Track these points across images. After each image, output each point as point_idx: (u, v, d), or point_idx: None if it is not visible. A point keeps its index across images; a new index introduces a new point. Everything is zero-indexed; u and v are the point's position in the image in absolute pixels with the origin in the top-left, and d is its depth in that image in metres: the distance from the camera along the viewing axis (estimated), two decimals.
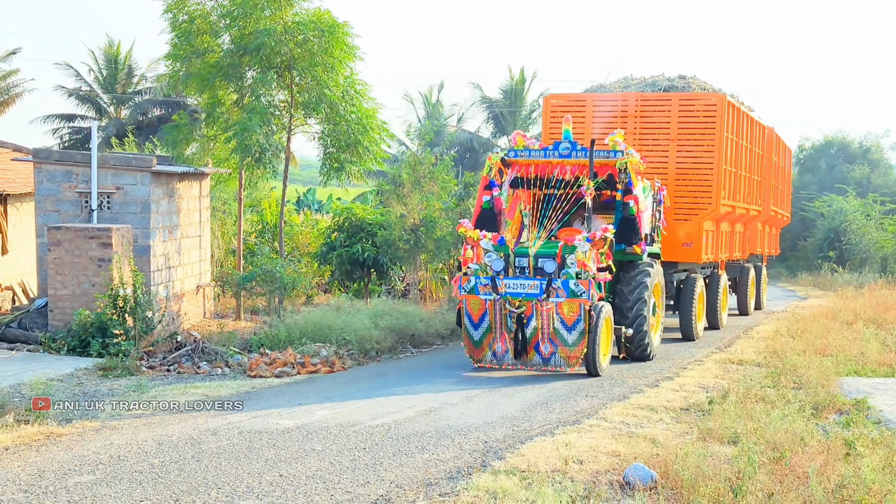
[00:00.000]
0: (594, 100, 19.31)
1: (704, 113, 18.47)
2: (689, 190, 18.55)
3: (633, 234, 15.21)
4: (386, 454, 9.32)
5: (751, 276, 24.18)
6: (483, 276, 14.27)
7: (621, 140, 15.44)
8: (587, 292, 13.67)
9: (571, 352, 13.87)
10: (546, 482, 8.16)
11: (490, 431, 10.40)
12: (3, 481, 8.20)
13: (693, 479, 8.07)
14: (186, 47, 21.39)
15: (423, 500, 7.70)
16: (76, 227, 16.52)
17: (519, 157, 15.97)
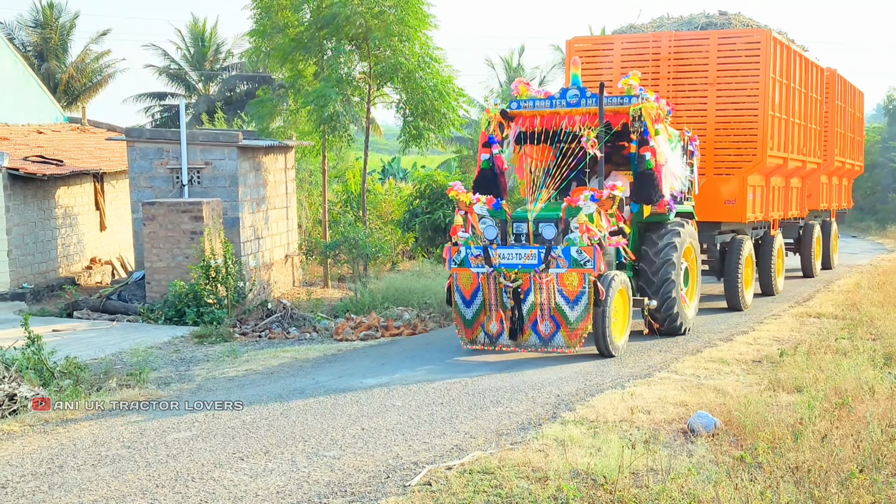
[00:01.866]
0: (622, 41, 17.32)
1: (747, 52, 16.29)
2: (731, 141, 16.56)
3: (653, 191, 12.91)
4: (462, 408, 9.70)
5: (815, 234, 22.14)
6: (474, 246, 12.27)
7: (637, 83, 13.14)
8: (592, 261, 11.66)
9: (573, 330, 11.88)
10: (612, 430, 8.47)
11: (563, 386, 10.70)
12: (109, 439, 8.77)
13: (755, 425, 8.31)
14: (268, 23, 21.87)
15: (494, 448, 8.06)
16: (169, 202, 17.11)
17: (522, 108, 13.64)
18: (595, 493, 6.65)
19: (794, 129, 17.91)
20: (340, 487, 7.17)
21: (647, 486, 6.82)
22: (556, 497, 6.63)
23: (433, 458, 7.86)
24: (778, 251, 18.81)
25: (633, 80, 13.05)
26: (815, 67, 19.55)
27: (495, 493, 6.81)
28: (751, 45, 16.12)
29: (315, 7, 21.03)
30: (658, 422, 8.88)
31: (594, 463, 7.35)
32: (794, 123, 17.86)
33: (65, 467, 7.83)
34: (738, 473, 7.06)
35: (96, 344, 13.83)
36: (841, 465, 7.04)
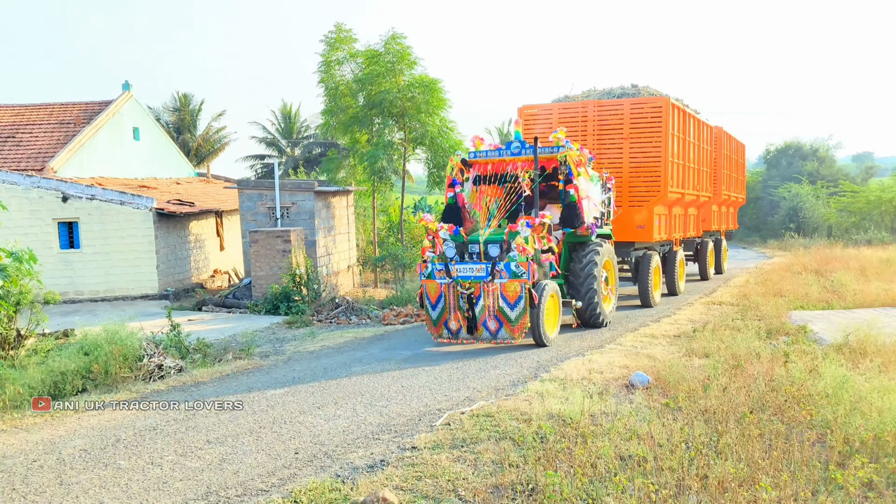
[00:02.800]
0: (559, 108, 16.47)
1: (651, 114, 15.54)
2: (641, 181, 15.72)
3: (576, 218, 12.30)
4: (471, 371, 9.66)
5: (709, 248, 21.43)
6: (438, 262, 11.53)
7: (563, 136, 12.66)
8: (527, 273, 11.00)
9: (514, 326, 11.12)
10: (576, 385, 8.43)
11: (541, 355, 10.63)
12: (225, 393, 8.81)
13: (676, 381, 8.27)
14: (334, 105, 22.05)
15: (494, 399, 8.03)
16: (267, 231, 17.14)
17: (478, 157, 12.91)
18: (564, 430, 6.61)
19: (689, 172, 17.41)
20: (387, 427, 7.15)
21: (601, 425, 6.78)
22: (537, 433, 6.59)
23: (451, 406, 7.83)
24: (680, 262, 18.07)
25: (560, 135, 12.67)
26: (705, 126, 19.06)
27: (495, 431, 6.78)
28: (655, 108, 15.52)
29: (367, 94, 21.24)
30: (608, 379, 8.82)
31: (564, 409, 7.31)
32: (689, 167, 17.34)
33: (196, 416, 7.84)
34: (665, 415, 7.03)
35: (218, 329, 13.86)
36: (737, 408, 6.98)
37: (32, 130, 23.18)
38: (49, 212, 18.63)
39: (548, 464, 5.74)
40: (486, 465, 5.91)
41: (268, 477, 5.84)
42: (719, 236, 23.37)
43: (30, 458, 6.55)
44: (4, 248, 9.60)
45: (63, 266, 18.57)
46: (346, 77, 22.36)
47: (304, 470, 5.97)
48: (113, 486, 5.78)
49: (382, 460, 6.10)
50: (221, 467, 6.11)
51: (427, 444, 6.48)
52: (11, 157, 21.64)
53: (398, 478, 5.68)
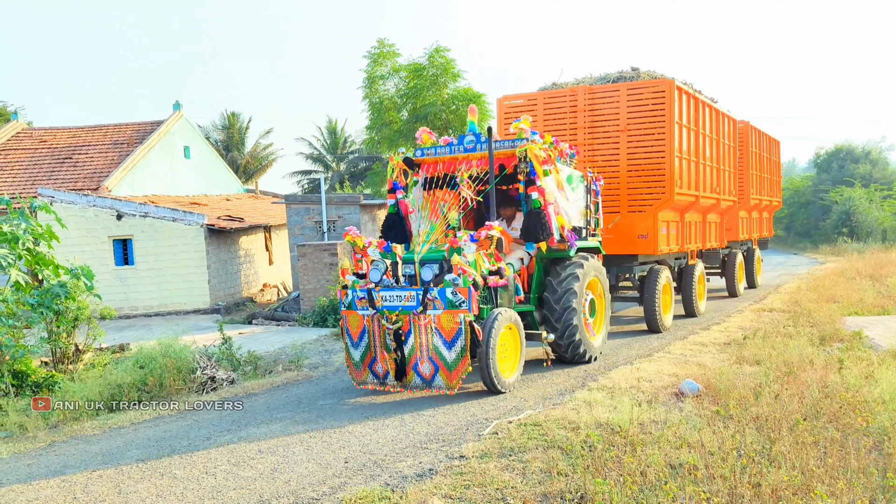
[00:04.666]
0: (544, 97, 13.88)
1: (653, 100, 12.93)
2: (642, 181, 13.10)
3: (541, 229, 9.63)
4: (520, 379, 9.63)
5: (738, 260, 18.71)
6: (360, 288, 9.00)
7: (527, 126, 10.06)
8: (467, 301, 8.40)
9: (452, 371, 8.54)
10: (624, 394, 8.35)
11: (588, 364, 10.56)
12: (277, 405, 8.91)
13: (727, 388, 8.14)
14: (378, 120, 22.28)
15: (541, 408, 8.00)
16: (314, 244, 17.32)
17: (425, 155, 10.51)
18: (613, 438, 6.56)
19: (705, 171, 14.74)
20: (435, 436, 7.17)
21: (650, 433, 6.71)
22: (585, 441, 6.54)
23: (499, 415, 7.81)
24: (698, 278, 15.32)
25: (523, 124, 10.04)
26: (724, 117, 16.14)
27: (543, 439, 6.75)
28: (656, 94, 12.92)
29: (412, 108, 21.42)
30: (657, 387, 8.72)
31: (612, 417, 7.25)
32: (705, 166, 14.70)
33: (249, 425, 7.97)
34: (715, 423, 6.92)
35: (268, 341, 14.03)
36: (789, 415, 6.85)
37: (88, 151, 23.87)
38: (104, 229, 19.13)
39: (597, 472, 5.70)
40: (535, 473, 5.89)
41: (318, 485, 5.90)
42: (751, 246, 20.80)
43: (89, 468, 6.72)
44: (64, 266, 9.90)
45: (118, 282, 19.04)
46: (390, 92, 22.62)
47: (354, 478, 6.03)
48: (169, 495, 5.90)
49: (431, 469, 6.13)
50: (273, 476, 6.20)
51: (475, 452, 6.48)
52: (69, 178, 22.30)
53: (447, 486, 5.69)
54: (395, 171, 10.60)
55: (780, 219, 41.73)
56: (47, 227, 9.74)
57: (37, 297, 9.22)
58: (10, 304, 8.91)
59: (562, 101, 13.67)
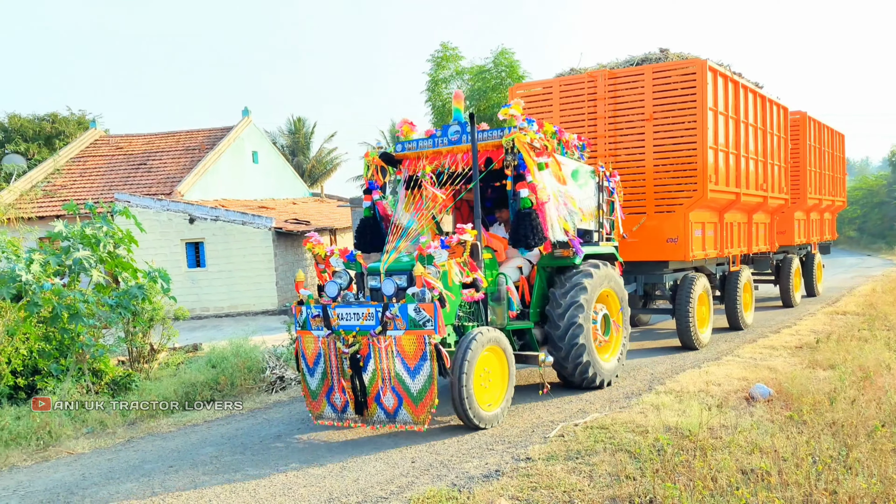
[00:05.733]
0: (560, 84, 12.29)
1: (683, 84, 11.26)
2: (670, 177, 11.43)
3: (531, 233, 8.06)
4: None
5: (794, 266, 16.66)
6: (314, 305, 7.57)
7: (519, 112, 8.46)
8: (432, 320, 6.95)
9: (417, 403, 7.12)
10: (693, 398, 8.20)
11: (656, 367, 10.40)
12: None
13: (800, 393, 7.93)
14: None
15: (608, 411, 7.92)
16: None
17: (406, 150, 8.96)
18: (682, 443, 6.45)
19: (747, 165, 12.88)
20: (501, 438, 7.16)
21: (720, 438, 6.58)
22: (654, 445, 6.45)
23: (564, 418, 7.76)
24: (744, 286, 13.49)
25: (514, 109, 8.45)
26: (774, 105, 14.26)
27: (610, 442, 6.68)
28: (686, 76, 11.25)
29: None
30: (727, 391, 8.53)
31: (681, 421, 7.13)
32: (747, 159, 12.86)
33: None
34: (788, 428, 6.75)
35: None
36: (866, 421, 6.64)
37: (162, 157, 24.60)
38: (177, 233, 19.69)
39: (666, 476, 5.61)
40: (602, 476, 5.83)
41: (386, 484, 5.96)
42: (810, 251, 18.85)
43: (166, 464, 6.93)
44: (141, 269, 10.22)
45: (190, 284, 19.56)
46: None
47: (421, 478, 6.06)
48: (242, 491, 6.04)
49: (497, 470, 6.12)
50: (342, 474, 6.28)
51: (541, 455, 6.45)
52: (144, 183, 23.02)
53: (513, 488, 5.68)
54: (371, 169, 9.18)
55: (853, 219, 40.46)
56: (126, 231, 10.08)
57: (115, 298, 9.54)
58: (90, 305, 9.24)
59: (579, 87, 12.09)
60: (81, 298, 9.14)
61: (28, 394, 9.35)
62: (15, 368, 9.27)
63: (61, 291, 8.84)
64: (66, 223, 9.78)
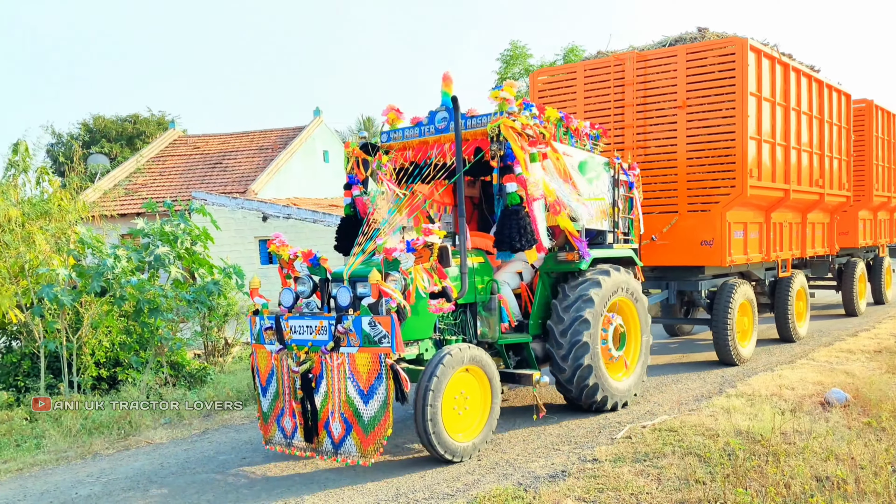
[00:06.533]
0: (585, 69, 11.06)
1: (720, 66, 9.97)
2: (705, 171, 10.18)
3: (517, 234, 6.94)
4: (651, 385, 9.35)
5: (858, 271, 15.04)
6: (268, 315, 6.63)
7: (511, 95, 7.29)
8: (389, 336, 5.93)
9: (367, 433, 6.03)
10: (765, 402, 7.98)
11: (726, 370, 10.14)
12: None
13: (879, 399, 7.65)
14: None
15: (676, 413, 7.77)
16: None
17: (392, 139, 7.96)
18: (754, 448, 6.29)
19: (799, 158, 11.46)
20: (567, 439, 7.10)
21: (794, 443, 6.39)
22: (724, 449, 6.31)
23: (632, 420, 7.65)
24: (797, 293, 12.09)
25: (506, 92, 7.31)
26: (833, 91, 12.64)
27: (679, 445, 6.55)
28: (724, 57, 9.98)
29: None
30: (801, 396, 8.27)
31: (752, 425, 6.95)
32: (799, 151, 11.45)
33: None
34: (866, 435, 6.51)
35: None
36: None
37: (236, 157, 25.22)
38: (251, 230, 20.15)
39: (737, 482, 5.47)
40: (671, 480, 5.73)
41: (453, 481, 5.98)
42: (877, 253, 16.94)
43: (239, 456, 7.10)
44: (216, 266, 10.50)
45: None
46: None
47: (487, 476, 6.06)
48: (311, 483, 6.14)
49: (563, 471, 6.07)
50: (409, 470, 6.33)
51: (608, 456, 6.37)
52: (219, 181, 23.64)
53: (580, 489, 5.62)
54: (351, 161, 8.14)
55: None
56: (203, 228, 10.36)
57: (192, 294, 9.82)
58: (169, 300, 9.53)
59: (605, 72, 10.84)
60: (161, 293, 9.44)
61: (110, 384, 9.72)
62: (98, 360, 9.65)
63: (143, 286, 9.14)
64: (147, 221, 10.12)
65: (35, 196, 9.88)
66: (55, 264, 9.08)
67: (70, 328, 9.27)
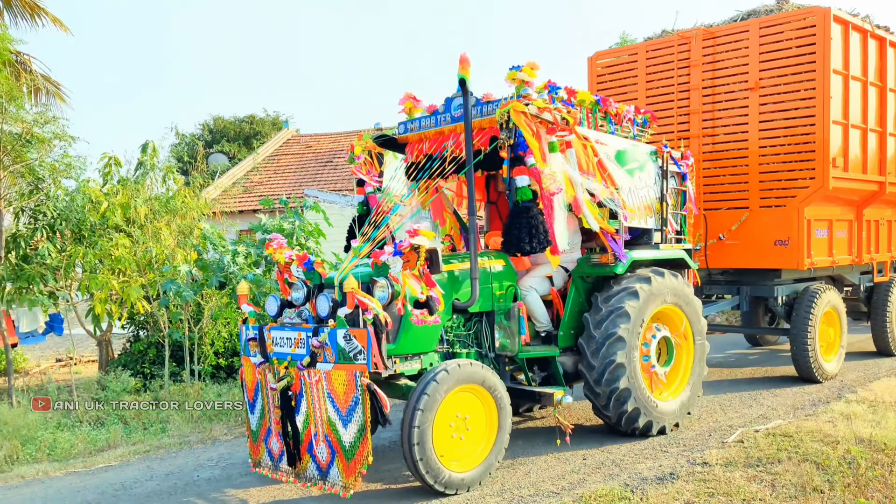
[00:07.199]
0: (647, 49, 9.97)
1: (798, 40, 8.72)
2: (780, 161, 8.98)
3: (527, 235, 6.01)
4: (763, 388, 9.03)
5: None
6: (253, 325, 6.01)
7: (529, 76, 6.28)
8: (365, 351, 5.25)
9: (350, 459, 5.34)
10: (889, 409, 7.53)
11: (846, 374, 9.64)
12: None
13: None
14: None
15: (791, 418, 7.45)
16: None
17: (409, 130, 7.08)
18: (877, 456, 5.95)
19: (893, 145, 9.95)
20: (675, 441, 6.92)
21: None
22: (844, 457, 6.00)
23: (744, 423, 7.38)
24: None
25: (524, 73, 6.26)
26: None
27: (795, 451, 6.27)
28: (803, 30, 8.69)
29: None
30: None
31: (875, 433, 6.58)
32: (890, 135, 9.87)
33: None
34: None
35: None
36: None
37: (346, 155, 25.85)
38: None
39: (858, 492, 5.20)
40: (786, 487, 5.49)
41: (558, 480, 5.93)
42: None
43: None
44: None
45: None
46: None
47: (593, 476, 5.98)
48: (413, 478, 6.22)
49: (672, 473, 5.92)
50: (514, 467, 6.32)
51: (719, 460, 6.17)
52: (330, 179, 24.30)
53: (689, 492, 5.47)
54: (363, 158, 7.39)
55: None
56: (315, 225, 10.67)
57: None
58: None
59: (668, 52, 9.77)
60: (276, 287, 9.77)
61: (228, 373, 10.15)
62: (217, 350, 10.10)
63: (260, 280, 9.50)
64: (266, 217, 10.50)
65: (161, 194, 10.42)
66: (178, 259, 9.55)
67: (192, 319, 9.74)
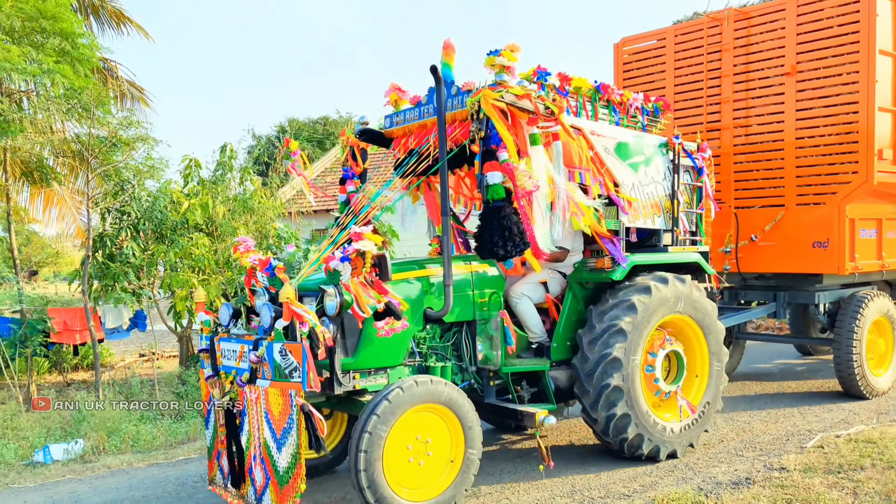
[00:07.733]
0: (675, 33, 9.11)
1: (840, 20, 7.78)
2: (819, 153, 8.03)
3: (499, 237, 5.28)
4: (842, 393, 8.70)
5: None
6: (206, 335, 5.43)
7: (509, 60, 5.32)
8: (300, 369, 4.54)
9: (283, 486, 4.68)
10: None
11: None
12: None
13: None
14: None
15: (875, 423, 7.14)
16: None
17: (395, 124, 6.36)
18: None
19: None
20: (751, 445, 6.73)
21: None
22: None
23: (824, 428, 7.12)
24: None
25: (504, 58, 5.32)
26: None
27: (879, 458, 6.01)
28: (845, 6, 7.74)
29: None
30: None
31: None
32: None
33: None
34: None
35: None
36: None
37: None
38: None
39: None
40: (869, 495, 5.27)
41: (629, 482, 5.83)
42: None
43: None
44: None
45: None
46: None
47: (665, 479, 5.86)
48: (484, 475, 6.21)
49: (748, 478, 5.75)
50: (584, 468, 6.24)
51: (797, 465, 5.97)
52: None
53: (766, 498, 5.30)
54: (346, 152, 6.76)
55: None
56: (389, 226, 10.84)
57: None
58: None
59: (698, 36, 8.93)
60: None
61: None
62: None
63: None
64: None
65: (239, 194, 10.67)
66: None
67: None
